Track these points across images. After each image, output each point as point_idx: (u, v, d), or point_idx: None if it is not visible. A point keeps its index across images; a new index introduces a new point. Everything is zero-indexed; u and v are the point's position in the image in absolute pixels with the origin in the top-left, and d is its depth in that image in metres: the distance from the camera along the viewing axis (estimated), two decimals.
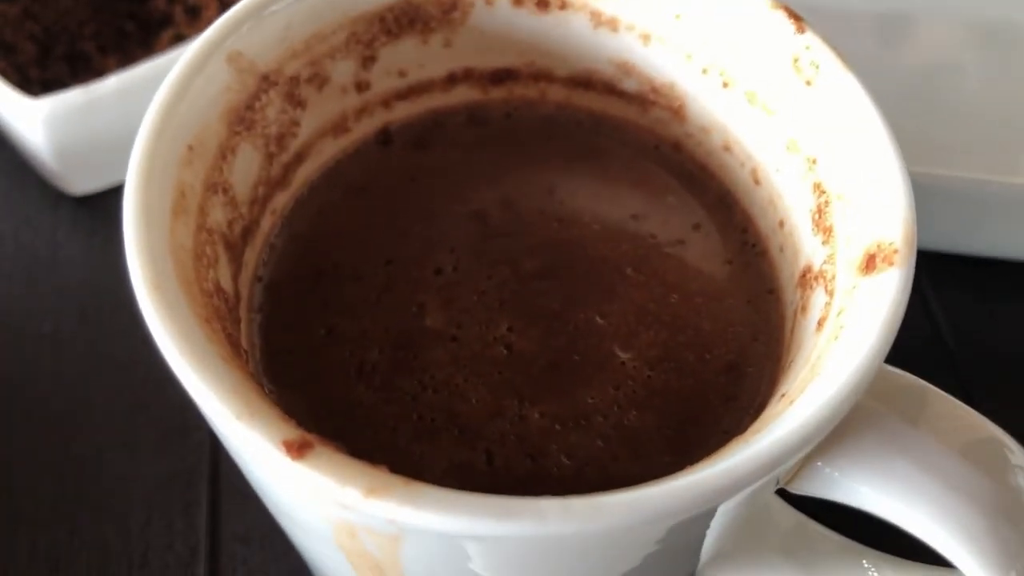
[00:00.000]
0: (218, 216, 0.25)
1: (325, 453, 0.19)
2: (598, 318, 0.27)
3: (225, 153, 0.26)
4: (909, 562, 0.27)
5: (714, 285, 0.28)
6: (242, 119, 0.26)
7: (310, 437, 0.19)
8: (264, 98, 0.27)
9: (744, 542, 0.29)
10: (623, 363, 0.27)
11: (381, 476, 0.19)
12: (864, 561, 0.28)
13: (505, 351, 0.27)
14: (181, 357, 0.20)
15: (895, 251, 0.22)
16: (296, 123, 0.28)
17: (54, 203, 0.45)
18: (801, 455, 0.20)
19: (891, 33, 0.46)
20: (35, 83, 0.44)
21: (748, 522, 0.27)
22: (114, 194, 0.45)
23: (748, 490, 0.20)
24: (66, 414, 0.39)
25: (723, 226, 0.30)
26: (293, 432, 0.19)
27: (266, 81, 0.27)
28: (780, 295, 0.28)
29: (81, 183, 0.44)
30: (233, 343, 0.23)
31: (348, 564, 0.23)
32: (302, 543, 0.26)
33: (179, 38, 0.47)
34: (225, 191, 0.26)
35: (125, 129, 0.43)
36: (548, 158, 0.31)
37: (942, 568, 0.27)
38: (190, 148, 0.24)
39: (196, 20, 0.47)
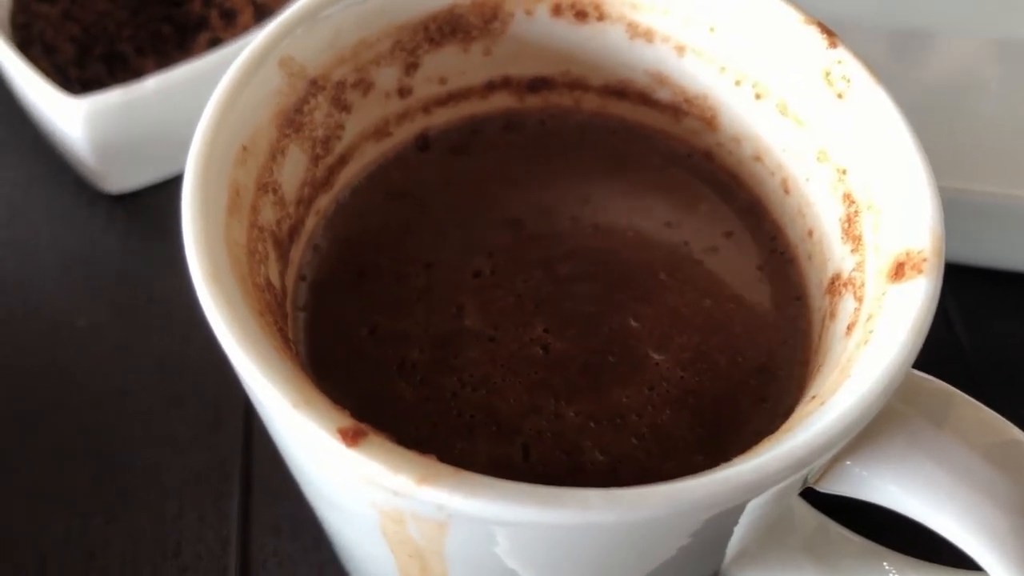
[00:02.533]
0: (268, 215, 0.26)
1: (378, 441, 0.20)
2: (632, 321, 0.28)
3: (275, 154, 0.26)
4: (930, 564, 0.28)
5: (744, 291, 0.29)
6: (291, 122, 0.27)
7: (363, 426, 0.20)
8: (312, 102, 0.28)
9: (768, 541, 0.29)
10: (657, 364, 0.28)
11: (432, 465, 0.20)
12: (885, 563, 0.29)
13: (542, 351, 0.28)
14: (239, 347, 0.21)
15: (924, 259, 0.23)
16: (341, 126, 0.29)
17: (90, 201, 0.46)
18: (832, 454, 0.21)
19: (911, 49, 0.47)
20: (74, 82, 0.45)
21: (773, 521, 0.28)
22: (148, 193, 0.46)
23: (781, 485, 0.21)
24: (101, 406, 0.40)
25: (753, 234, 0.30)
26: (347, 420, 0.20)
27: (315, 85, 0.28)
28: (808, 301, 0.29)
29: (117, 181, 0.45)
30: (284, 336, 0.24)
31: (389, 553, 0.24)
32: (342, 532, 0.27)
33: (215, 42, 0.48)
34: (275, 191, 0.26)
35: (162, 129, 0.44)
36: (582, 165, 0.32)
37: (962, 571, 0.28)
38: (244, 148, 0.25)
39: (231, 25, 0.48)
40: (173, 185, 0.46)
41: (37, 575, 0.36)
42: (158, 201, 0.46)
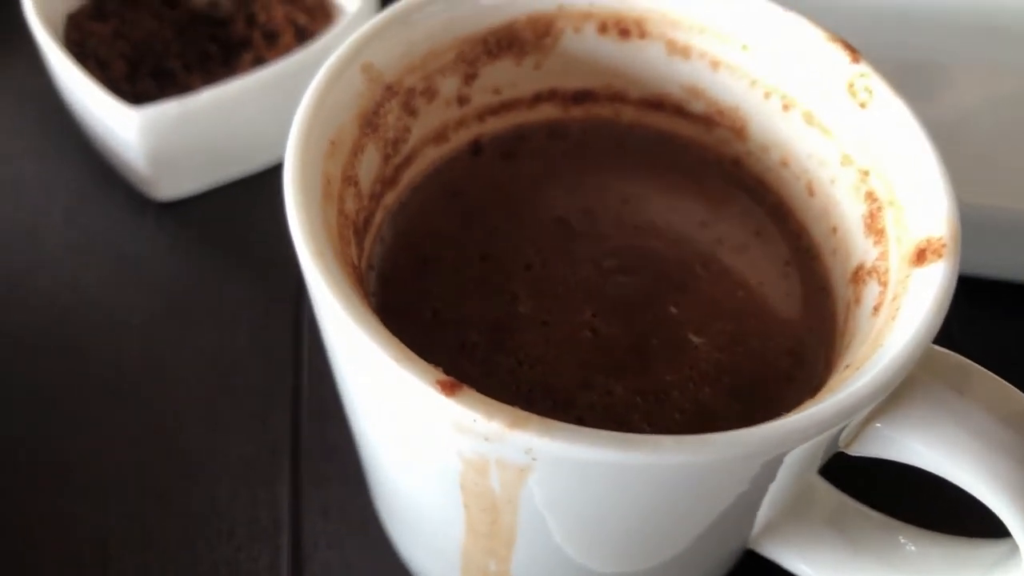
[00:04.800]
0: (350, 205, 0.29)
1: (470, 392, 0.23)
2: (672, 308, 0.31)
3: (356, 151, 0.29)
4: (944, 535, 0.31)
5: (773, 283, 0.32)
6: (370, 122, 0.30)
7: (455, 379, 0.23)
8: (387, 106, 0.31)
9: (792, 515, 0.32)
10: (696, 347, 0.30)
11: (520, 412, 0.22)
12: (901, 537, 0.31)
13: (591, 334, 0.31)
14: (344, 311, 0.24)
15: (943, 245, 0.26)
16: (408, 130, 0.32)
17: (140, 208, 0.48)
18: (868, 410, 0.24)
19: (919, 81, 0.51)
20: (127, 96, 0.48)
21: (799, 491, 0.31)
22: (194, 201, 0.49)
23: (824, 435, 0.23)
24: (156, 399, 0.42)
25: (780, 233, 0.33)
26: (442, 375, 0.23)
27: (390, 91, 0.31)
28: (832, 292, 0.32)
29: (167, 189, 0.48)
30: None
31: (462, 509, 0.27)
32: (413, 493, 0.29)
33: (259, 60, 0.50)
34: (355, 184, 0.29)
35: (211, 140, 0.47)
36: (621, 170, 0.35)
37: (970, 538, 0.30)
38: (332, 143, 0.28)
39: (273, 45, 0.51)
40: (218, 194, 0.49)
41: (99, 555, 0.38)
42: (204, 208, 0.49)
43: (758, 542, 0.33)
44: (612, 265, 0.32)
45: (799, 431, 0.23)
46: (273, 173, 0.50)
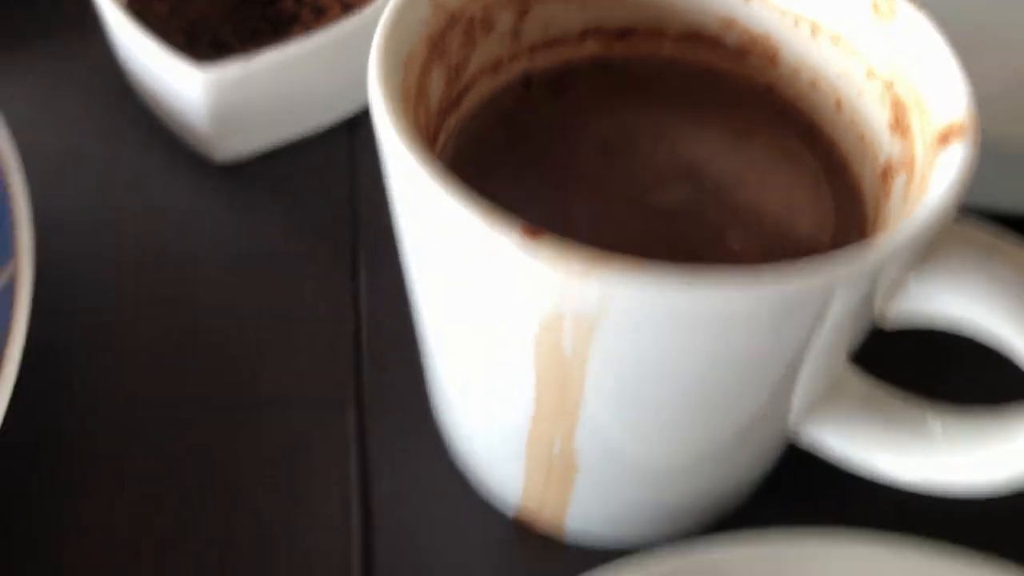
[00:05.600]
0: (422, 118, 0.32)
1: (551, 237, 0.26)
2: (715, 217, 0.34)
3: (426, 71, 0.32)
4: (973, 408, 0.33)
5: (808, 192, 0.35)
6: (436, 46, 0.33)
7: (537, 227, 0.26)
8: (450, 33, 0.34)
9: (829, 399, 0.35)
10: (738, 251, 0.33)
11: (599, 253, 0.25)
12: (929, 414, 0.34)
13: (641, 237, 0.33)
14: (434, 183, 0.27)
15: (962, 126, 0.29)
16: (468, 58, 0.35)
17: (203, 170, 0.51)
18: (908, 254, 0.27)
19: None
20: None
21: (833, 373, 0.34)
22: (253, 164, 0.52)
23: (872, 277, 0.26)
24: (226, 343, 0.45)
25: (811, 150, 0.36)
26: (525, 223, 0.26)
27: (453, 19, 0.34)
28: (862, 194, 0.35)
29: (229, 150, 0.51)
30: None
31: (533, 378, 0.30)
32: (482, 378, 0.32)
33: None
34: (426, 100, 0.32)
35: (272, 101, 0.50)
36: (662, 99, 0.38)
37: (1005, 406, 0.33)
38: (405, 64, 0.31)
39: (321, 18, 0.54)
40: (277, 155, 0.52)
41: (175, 480, 0.41)
42: (264, 170, 0.52)
43: (797, 431, 0.35)
44: (654, 180, 0.35)
45: (853, 267, 0.26)
46: (328, 136, 0.53)
